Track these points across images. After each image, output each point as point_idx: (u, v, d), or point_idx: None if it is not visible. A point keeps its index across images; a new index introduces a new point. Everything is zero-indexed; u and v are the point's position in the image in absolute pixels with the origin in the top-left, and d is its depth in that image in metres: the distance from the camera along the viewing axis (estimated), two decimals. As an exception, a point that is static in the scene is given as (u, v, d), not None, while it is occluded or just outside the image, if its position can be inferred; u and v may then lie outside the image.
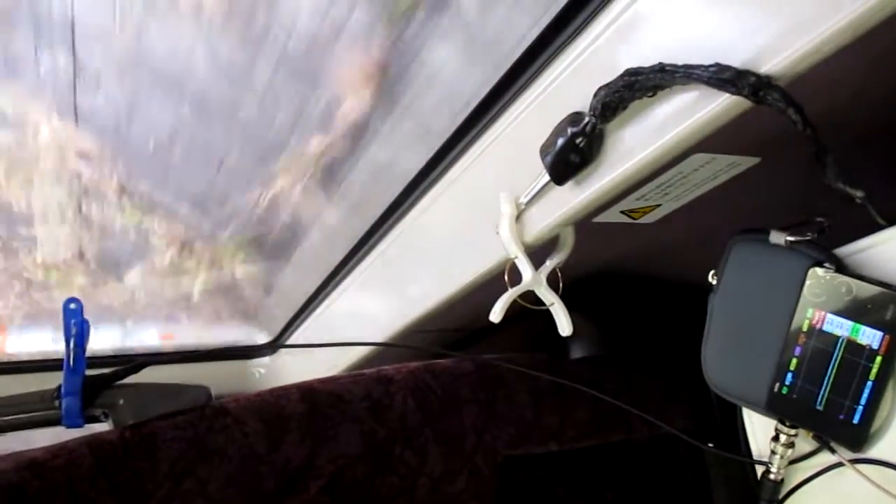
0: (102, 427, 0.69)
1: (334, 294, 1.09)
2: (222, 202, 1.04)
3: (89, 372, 0.67)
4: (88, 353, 0.67)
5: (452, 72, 0.73)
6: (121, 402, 0.68)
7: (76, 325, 0.66)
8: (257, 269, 1.46)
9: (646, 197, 0.67)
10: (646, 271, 1.00)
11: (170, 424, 0.67)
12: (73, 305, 0.66)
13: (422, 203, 0.82)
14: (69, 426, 0.65)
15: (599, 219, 0.70)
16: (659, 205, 0.71)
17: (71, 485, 0.62)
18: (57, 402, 0.65)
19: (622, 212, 0.70)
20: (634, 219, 0.73)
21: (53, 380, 0.67)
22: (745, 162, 0.65)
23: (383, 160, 0.89)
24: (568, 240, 0.70)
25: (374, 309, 0.99)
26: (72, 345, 0.65)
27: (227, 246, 1.27)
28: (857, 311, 0.53)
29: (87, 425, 0.68)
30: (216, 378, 1.29)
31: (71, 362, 0.65)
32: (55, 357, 1.25)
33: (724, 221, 0.67)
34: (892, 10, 0.41)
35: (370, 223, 0.94)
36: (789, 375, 0.56)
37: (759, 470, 0.62)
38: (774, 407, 0.58)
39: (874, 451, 0.54)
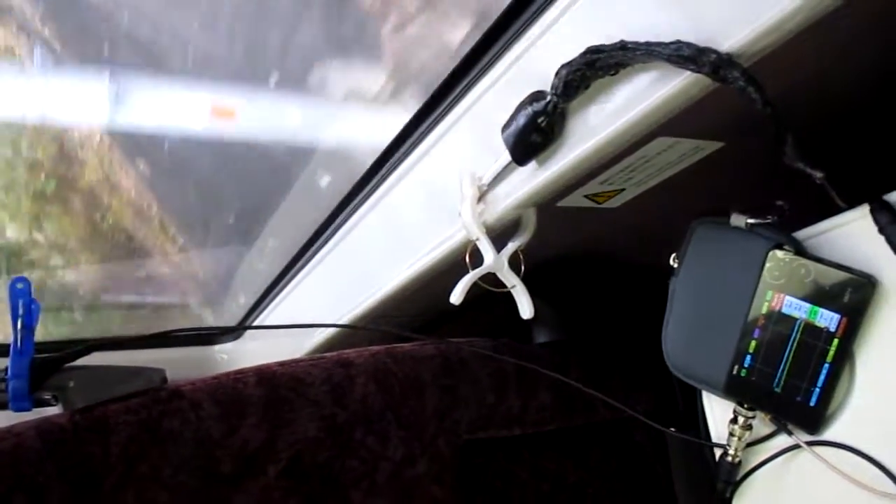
0: (52, 411, 0.67)
1: (296, 279, 1.07)
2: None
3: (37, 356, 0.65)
4: (38, 338, 0.65)
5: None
6: (71, 384, 0.66)
7: (24, 304, 0.64)
8: (220, 254, 1.44)
9: (610, 181, 0.67)
10: (609, 255, 1.00)
11: (122, 408, 0.66)
12: (20, 285, 0.63)
13: (384, 186, 0.81)
14: (16, 410, 0.63)
15: (563, 203, 0.69)
16: (623, 189, 0.70)
17: (17, 469, 0.60)
18: (3, 385, 0.63)
19: (586, 196, 0.70)
20: (598, 203, 0.73)
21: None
22: (709, 146, 0.65)
23: (345, 144, 0.88)
24: (530, 222, 0.70)
25: (336, 294, 0.98)
26: (19, 325, 0.63)
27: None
28: (815, 294, 0.53)
29: (36, 409, 0.66)
30: (177, 364, 1.26)
31: (19, 343, 0.63)
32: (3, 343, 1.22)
33: (688, 206, 0.67)
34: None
35: (332, 207, 0.92)
36: (748, 358, 0.57)
37: (718, 452, 0.62)
38: (733, 389, 0.58)
39: (830, 434, 0.55)
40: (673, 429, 0.69)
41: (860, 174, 0.55)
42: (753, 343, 0.56)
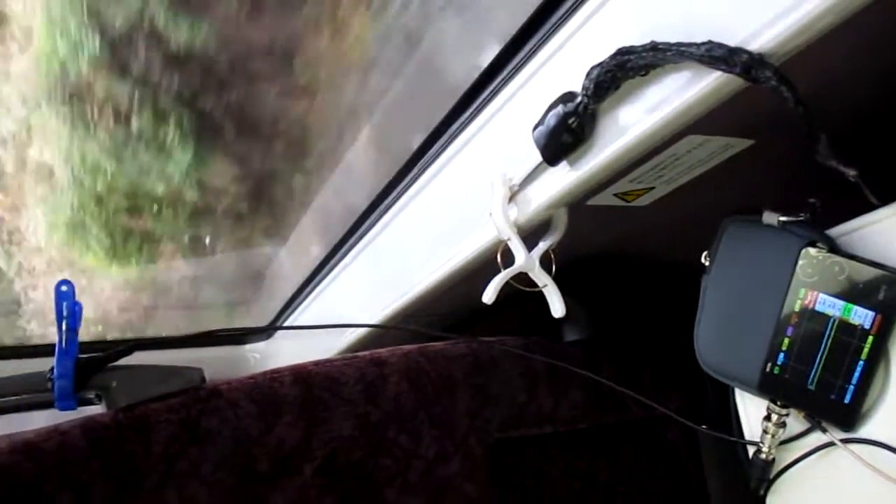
0: (96, 410, 0.69)
1: (328, 279, 1.09)
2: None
3: (81, 356, 0.67)
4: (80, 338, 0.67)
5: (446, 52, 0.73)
6: (114, 384, 0.67)
7: (68, 306, 0.65)
8: (252, 254, 1.46)
9: (639, 179, 0.67)
10: (639, 253, 0.99)
11: (163, 406, 0.67)
12: (64, 287, 0.65)
13: (416, 186, 0.82)
14: (62, 409, 0.65)
15: (593, 202, 0.69)
16: (653, 187, 0.70)
17: (63, 467, 0.62)
18: (50, 385, 0.65)
19: (615, 194, 0.70)
20: (628, 201, 0.73)
21: (46, 366, 0.67)
22: (739, 144, 0.65)
23: (378, 143, 0.89)
24: (561, 221, 0.70)
25: (368, 293, 0.99)
26: (64, 327, 0.65)
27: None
28: (849, 292, 0.53)
29: (80, 408, 0.68)
30: (210, 363, 1.28)
31: (63, 344, 0.65)
32: (47, 342, 1.25)
33: (718, 203, 0.67)
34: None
35: (364, 207, 0.94)
36: (781, 355, 0.57)
37: (751, 450, 0.62)
38: (766, 387, 0.58)
39: (865, 431, 0.55)
40: (705, 426, 0.69)
41: (893, 170, 0.55)
42: (787, 340, 0.56)
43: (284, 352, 1.35)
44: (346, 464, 0.73)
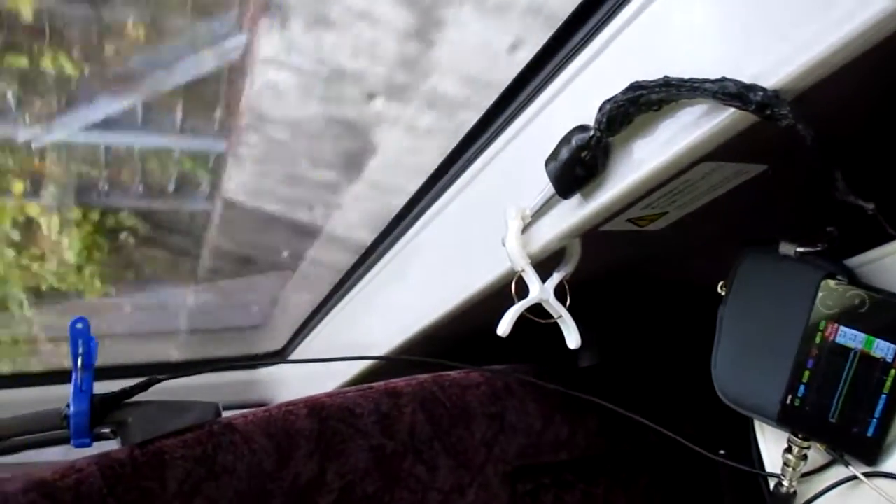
0: (111, 445, 0.69)
1: (341, 305, 1.09)
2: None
3: (95, 384, 0.67)
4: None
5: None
6: (130, 419, 0.67)
7: (83, 343, 0.66)
8: (265, 279, 1.46)
9: (652, 205, 0.66)
10: (653, 277, 0.99)
11: (178, 442, 0.67)
12: (79, 325, 0.65)
13: (428, 215, 0.82)
14: (77, 446, 0.65)
15: (605, 227, 0.69)
16: (666, 212, 0.70)
17: (80, 506, 0.62)
18: (65, 422, 0.65)
19: (628, 220, 0.69)
20: (641, 226, 0.72)
21: (60, 392, 0.67)
22: (753, 169, 0.64)
23: (390, 172, 0.89)
24: (575, 251, 0.70)
25: (381, 320, 0.99)
26: (79, 364, 0.65)
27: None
28: (870, 324, 0.52)
29: (95, 443, 0.68)
30: (224, 388, 1.29)
31: (79, 382, 0.65)
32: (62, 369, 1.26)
33: (732, 226, 0.66)
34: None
35: (376, 235, 0.94)
36: (802, 388, 0.56)
37: (772, 482, 0.61)
38: (787, 420, 0.57)
39: (888, 465, 0.54)
40: (722, 451, 0.68)
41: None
42: (807, 373, 0.55)
43: (296, 375, 1.35)
44: (362, 497, 0.73)
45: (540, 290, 0.66)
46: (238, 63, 1.11)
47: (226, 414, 0.72)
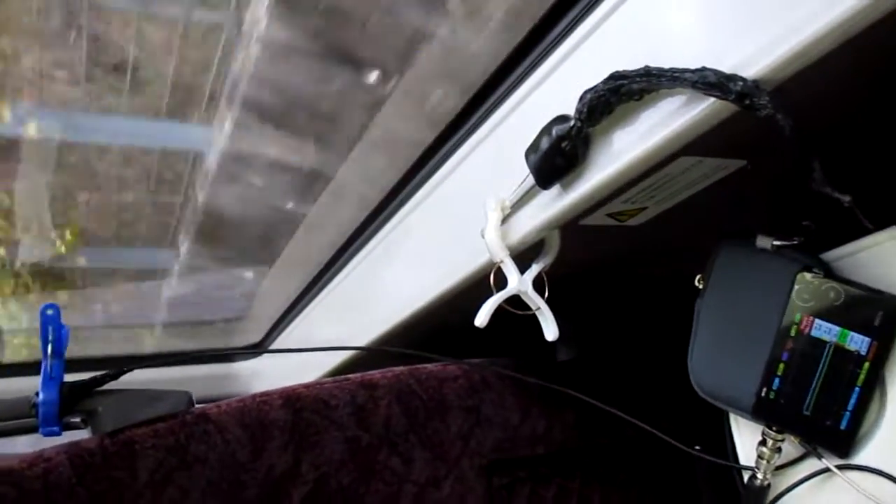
0: (82, 434, 0.67)
1: (320, 297, 1.08)
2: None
3: (68, 375, 0.66)
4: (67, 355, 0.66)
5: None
6: (100, 408, 0.66)
7: (53, 330, 0.64)
8: (243, 271, 1.45)
9: (632, 200, 0.66)
10: (631, 270, 0.99)
11: (149, 431, 0.66)
12: (50, 311, 0.64)
13: (407, 206, 0.81)
14: (46, 435, 0.64)
15: (585, 221, 0.69)
16: (645, 207, 0.70)
17: (48, 494, 0.60)
18: (34, 410, 0.64)
19: (608, 214, 0.69)
20: (621, 222, 0.72)
21: (32, 384, 0.65)
22: (732, 164, 0.64)
23: (369, 162, 0.88)
24: (554, 243, 0.70)
25: (360, 312, 0.98)
26: (49, 351, 0.64)
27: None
28: (845, 317, 0.53)
29: (65, 432, 0.66)
30: (199, 381, 1.28)
31: (49, 369, 0.64)
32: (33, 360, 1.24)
33: (711, 221, 0.67)
34: (881, 13, 0.40)
35: (355, 226, 0.93)
36: (777, 380, 0.56)
37: (746, 475, 0.62)
38: (761, 412, 0.57)
39: (860, 458, 0.54)
40: (698, 447, 0.68)
41: (888, 194, 0.54)
42: (782, 366, 0.56)
43: (274, 369, 1.34)
44: (337, 489, 0.72)
45: (518, 282, 0.66)
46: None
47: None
